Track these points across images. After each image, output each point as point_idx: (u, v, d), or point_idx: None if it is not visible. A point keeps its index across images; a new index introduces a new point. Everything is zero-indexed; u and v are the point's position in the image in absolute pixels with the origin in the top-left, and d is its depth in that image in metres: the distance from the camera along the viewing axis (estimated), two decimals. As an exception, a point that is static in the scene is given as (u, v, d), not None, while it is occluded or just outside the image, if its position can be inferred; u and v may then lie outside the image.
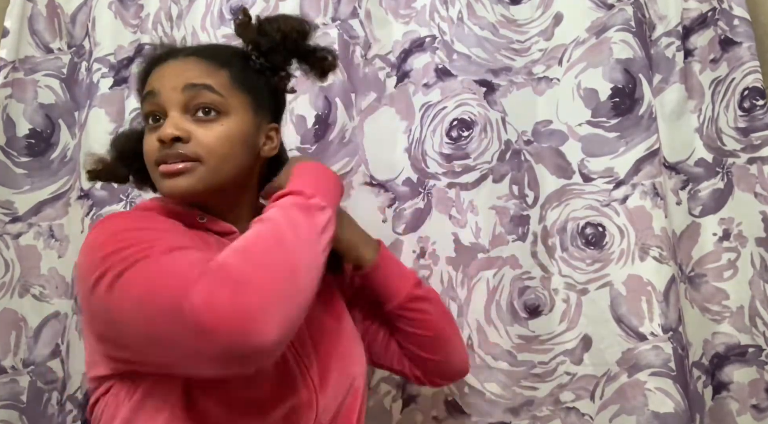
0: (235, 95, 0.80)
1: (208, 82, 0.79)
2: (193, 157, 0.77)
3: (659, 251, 1.12)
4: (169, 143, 0.76)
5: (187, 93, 0.78)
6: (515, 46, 1.25)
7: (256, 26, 0.85)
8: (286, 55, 0.85)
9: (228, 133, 0.79)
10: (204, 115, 0.78)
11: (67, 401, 1.16)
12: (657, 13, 1.24)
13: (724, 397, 1.14)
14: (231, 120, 0.79)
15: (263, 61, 0.84)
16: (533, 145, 1.22)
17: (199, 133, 0.77)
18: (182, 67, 0.80)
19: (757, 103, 1.17)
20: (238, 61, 0.83)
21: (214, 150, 0.77)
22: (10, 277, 1.26)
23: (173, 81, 0.79)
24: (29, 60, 1.31)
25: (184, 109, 0.78)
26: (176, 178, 0.77)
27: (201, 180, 0.77)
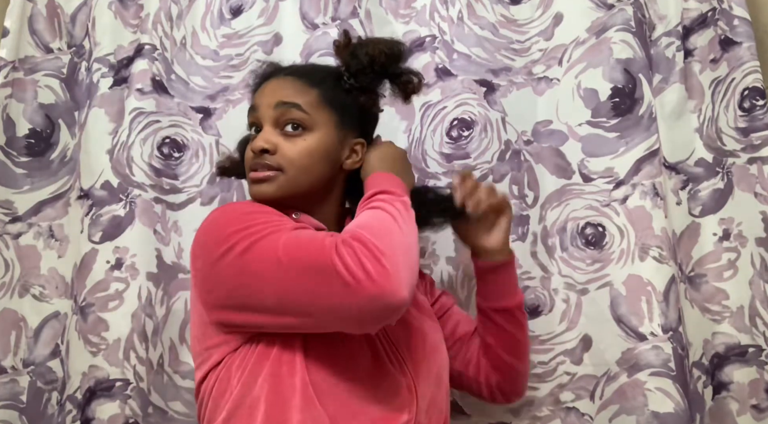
0: (321, 113, 0.89)
1: (297, 102, 0.88)
2: (276, 167, 0.87)
3: (659, 251, 1.12)
4: (259, 154, 0.87)
5: (278, 110, 0.88)
6: (515, 46, 1.25)
7: (351, 49, 0.92)
8: (374, 77, 0.92)
9: (309, 147, 0.88)
10: (291, 129, 0.88)
11: (67, 401, 1.16)
12: (657, 13, 1.24)
13: (724, 397, 1.14)
14: (315, 135, 0.89)
15: (353, 81, 0.92)
16: (533, 145, 1.22)
17: (284, 146, 0.88)
18: (279, 86, 0.91)
19: (757, 103, 1.17)
20: (330, 80, 0.92)
21: (295, 162, 0.87)
22: (10, 277, 1.25)
23: (269, 98, 0.90)
24: (29, 60, 1.31)
25: (275, 124, 0.89)
26: (260, 185, 0.88)
27: (280, 188, 0.87)
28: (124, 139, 1.23)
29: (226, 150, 1.20)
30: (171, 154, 1.26)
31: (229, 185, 1.25)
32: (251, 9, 1.30)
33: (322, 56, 1.24)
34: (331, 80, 0.92)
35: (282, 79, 0.92)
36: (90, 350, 1.15)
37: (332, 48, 0.96)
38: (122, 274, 1.18)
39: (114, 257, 1.18)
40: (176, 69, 1.29)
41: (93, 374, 1.14)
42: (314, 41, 1.26)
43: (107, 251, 1.19)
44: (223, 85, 1.28)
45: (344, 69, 0.92)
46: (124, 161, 1.22)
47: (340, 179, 0.94)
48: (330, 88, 0.91)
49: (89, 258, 1.19)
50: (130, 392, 1.14)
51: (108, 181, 1.22)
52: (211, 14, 1.31)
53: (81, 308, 1.17)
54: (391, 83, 0.95)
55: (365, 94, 0.93)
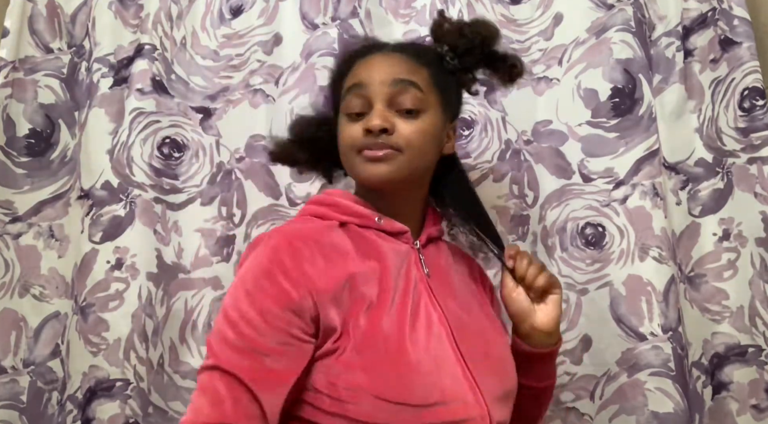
0: (432, 93, 0.86)
1: (414, 80, 0.84)
2: (395, 147, 0.82)
3: (659, 251, 1.12)
4: (377, 133, 0.82)
5: (394, 87, 0.84)
6: (515, 46, 1.25)
7: (457, 29, 0.90)
8: (480, 58, 0.90)
9: (425, 128, 0.84)
10: (408, 110, 0.84)
11: (67, 401, 1.16)
12: (657, 13, 1.24)
13: (723, 397, 1.15)
14: (428, 116, 0.85)
15: (456, 62, 0.89)
16: (533, 145, 1.22)
17: (401, 126, 0.83)
18: (390, 62, 0.86)
19: (757, 103, 1.17)
20: (435, 60, 0.89)
21: (413, 143, 0.83)
22: (10, 277, 1.25)
23: (382, 75, 0.84)
24: (29, 60, 1.31)
25: (389, 103, 0.84)
26: (378, 164, 0.82)
27: (399, 169, 0.83)
28: (124, 139, 1.23)
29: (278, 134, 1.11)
30: (171, 154, 1.26)
31: (230, 185, 1.25)
32: (251, 9, 1.30)
33: (322, 56, 1.24)
34: (436, 60, 0.89)
35: (389, 55, 0.88)
36: (90, 350, 1.15)
37: (432, 27, 0.93)
38: (122, 274, 1.18)
39: (114, 257, 1.18)
40: (176, 69, 1.29)
41: (93, 374, 1.14)
42: (314, 41, 1.26)
43: (107, 251, 1.19)
44: (223, 85, 1.28)
45: (448, 49, 0.89)
46: (124, 161, 1.22)
47: (434, 165, 0.91)
48: (438, 68, 0.88)
49: (89, 258, 1.19)
50: (130, 392, 1.14)
51: (108, 181, 1.22)
52: (211, 14, 1.30)
53: (81, 308, 1.17)
54: (491, 66, 0.92)
55: (467, 76, 0.91)
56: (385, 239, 0.86)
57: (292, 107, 1.23)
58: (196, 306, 1.21)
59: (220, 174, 1.25)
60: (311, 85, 1.23)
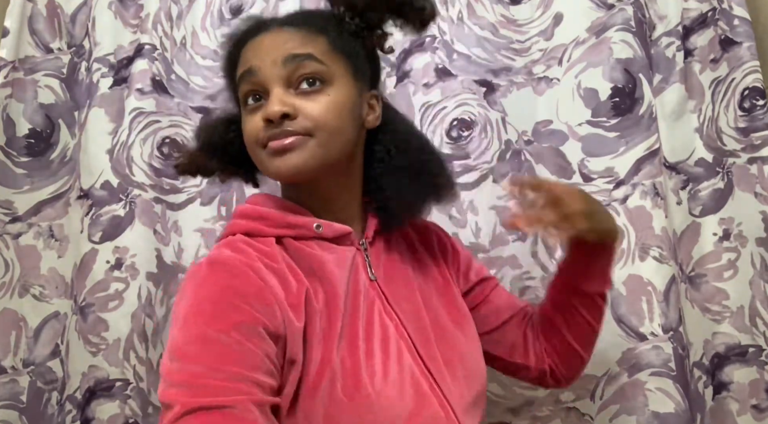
0: (335, 62, 0.75)
1: (310, 51, 0.74)
2: (302, 132, 0.72)
3: (659, 251, 1.12)
4: (277, 121, 0.71)
5: (288, 65, 0.73)
6: (515, 46, 1.25)
7: None
8: (381, 11, 0.78)
9: (335, 102, 0.73)
10: (309, 86, 0.73)
11: (67, 401, 1.16)
12: (657, 13, 1.24)
13: (724, 397, 1.14)
14: (335, 89, 0.74)
15: (359, 21, 0.78)
16: (533, 145, 1.22)
17: (305, 106, 0.72)
18: (279, 39, 0.75)
19: (757, 103, 1.17)
20: (333, 25, 0.78)
21: (324, 122, 0.72)
22: (10, 277, 1.25)
23: (272, 54, 0.74)
24: (29, 60, 1.31)
25: (287, 84, 0.74)
26: (286, 155, 0.72)
27: (312, 156, 0.72)
28: (124, 139, 1.23)
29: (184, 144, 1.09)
30: (171, 155, 1.26)
31: (229, 185, 1.24)
32: (251, 9, 1.30)
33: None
34: (333, 25, 0.78)
35: (278, 31, 0.76)
36: (90, 350, 1.15)
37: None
38: (122, 274, 1.18)
39: (114, 257, 1.18)
40: (176, 69, 1.29)
41: (93, 374, 1.14)
42: (314, 41, 1.26)
43: (107, 251, 1.19)
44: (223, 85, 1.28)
45: (345, 9, 0.78)
46: (124, 161, 1.22)
47: (361, 144, 0.81)
48: (336, 33, 0.77)
49: (89, 258, 1.19)
50: (130, 392, 1.14)
51: (108, 181, 1.22)
52: (211, 14, 1.31)
53: (81, 308, 1.17)
54: (399, 16, 0.79)
55: (374, 34, 0.80)
56: (326, 248, 0.77)
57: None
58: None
59: (220, 174, 1.25)
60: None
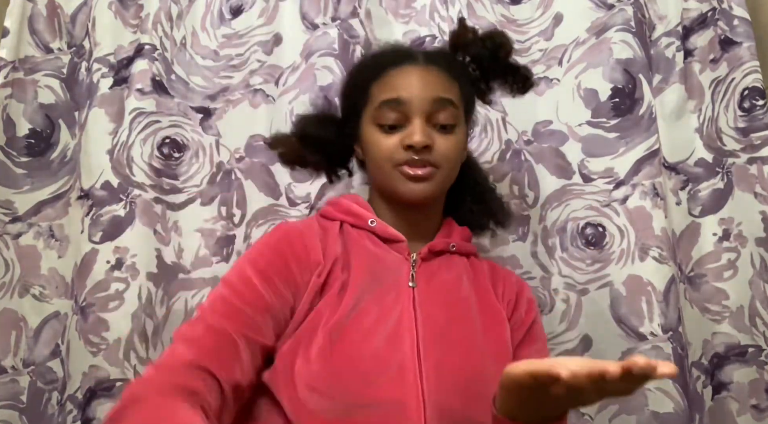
0: (462, 107, 0.88)
1: (452, 98, 0.86)
2: (434, 164, 0.84)
3: (659, 251, 1.12)
4: (420, 150, 0.83)
5: (435, 106, 0.84)
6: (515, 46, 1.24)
7: (478, 39, 0.91)
8: (501, 70, 0.91)
9: (458, 143, 0.87)
10: (443, 126, 0.85)
11: (67, 401, 1.16)
12: (657, 13, 1.24)
13: (723, 397, 1.14)
14: (460, 130, 0.87)
15: (478, 73, 0.91)
16: (533, 146, 1.22)
17: (440, 142, 0.84)
18: (429, 78, 0.86)
19: (757, 103, 1.17)
20: (465, 73, 0.90)
21: (449, 159, 0.85)
22: (10, 277, 1.25)
23: (423, 91, 0.85)
24: (29, 60, 1.31)
25: (428, 118, 0.84)
26: (420, 183, 0.84)
27: (438, 185, 0.85)
28: (124, 140, 1.23)
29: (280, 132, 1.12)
30: (171, 155, 1.26)
31: (229, 185, 1.25)
32: (251, 9, 1.30)
33: (322, 56, 1.24)
34: (465, 73, 0.90)
35: (427, 68, 0.87)
36: (90, 350, 1.15)
37: (452, 37, 0.93)
38: (122, 274, 1.18)
39: (114, 257, 1.18)
40: (176, 69, 1.29)
41: (93, 374, 1.14)
42: (314, 41, 1.26)
43: (107, 251, 1.19)
44: (223, 85, 1.28)
45: (470, 60, 0.90)
46: (124, 161, 1.22)
47: None
48: (465, 81, 0.89)
49: (89, 258, 1.19)
50: (130, 392, 1.14)
51: (108, 182, 1.22)
52: (211, 14, 1.30)
53: (81, 308, 1.17)
54: (506, 77, 0.93)
55: (486, 86, 0.92)
56: (378, 245, 0.86)
57: (292, 107, 1.23)
58: (196, 306, 1.21)
59: (220, 174, 1.25)
60: (311, 86, 1.23)
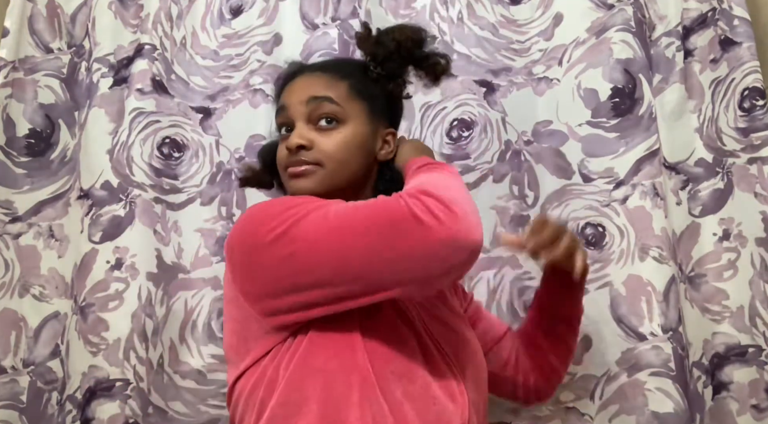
0: (352, 104, 0.89)
1: (329, 94, 0.88)
2: (314, 162, 0.86)
3: (659, 251, 1.12)
4: (295, 151, 0.86)
5: (310, 105, 0.88)
6: (515, 47, 1.25)
7: (374, 38, 0.92)
8: (400, 62, 0.92)
9: (345, 139, 0.87)
10: (326, 124, 0.87)
11: (67, 401, 1.16)
12: (657, 13, 1.24)
13: (724, 397, 1.14)
14: (348, 127, 0.88)
15: (380, 70, 0.92)
16: (533, 146, 1.22)
17: (320, 140, 0.87)
18: (307, 82, 0.90)
19: (757, 103, 1.17)
20: (357, 71, 0.92)
21: (333, 156, 0.86)
22: (10, 277, 1.25)
23: (299, 95, 0.89)
24: (29, 60, 1.31)
25: (308, 120, 0.88)
26: (300, 180, 0.87)
27: (321, 182, 0.86)
28: (124, 139, 1.23)
29: (246, 160, 1.21)
30: (171, 154, 1.26)
31: (229, 185, 1.25)
32: (251, 9, 1.30)
33: (322, 56, 1.24)
34: (358, 71, 0.92)
35: (309, 75, 0.92)
36: (90, 350, 1.15)
37: (355, 40, 0.95)
38: (122, 274, 1.18)
39: (114, 257, 1.18)
40: (176, 69, 1.29)
41: (93, 374, 1.14)
42: (314, 41, 1.26)
43: (107, 251, 1.19)
44: (223, 85, 1.28)
45: (370, 59, 0.92)
46: (124, 161, 1.22)
47: (374, 171, 0.94)
48: (358, 79, 0.91)
49: (89, 258, 1.19)
50: (130, 392, 1.14)
51: (108, 181, 1.22)
52: (211, 14, 1.31)
53: (81, 308, 1.17)
54: (417, 68, 0.94)
55: (393, 82, 0.93)
56: None
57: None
58: (196, 306, 1.21)
59: (220, 174, 1.26)
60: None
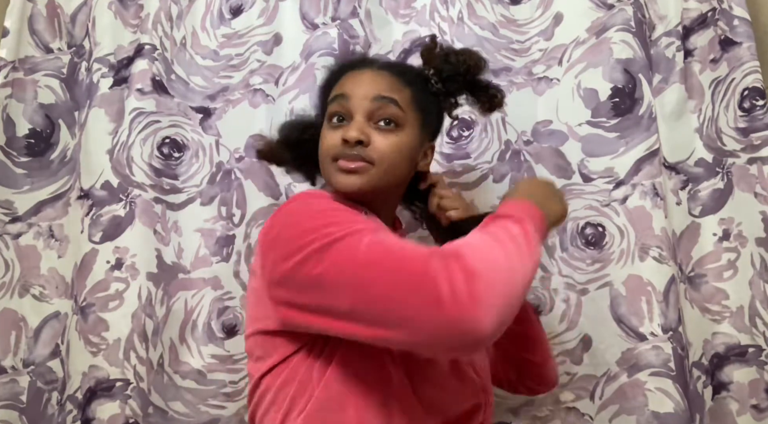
0: (412, 112, 0.89)
1: (395, 97, 0.88)
2: (368, 159, 0.86)
3: (659, 251, 1.12)
4: (352, 144, 0.85)
5: (375, 103, 0.87)
6: (515, 47, 1.25)
7: (444, 54, 0.94)
8: (462, 84, 0.94)
9: (400, 144, 0.88)
10: (385, 125, 0.87)
11: (67, 401, 1.16)
12: (657, 13, 1.24)
13: (723, 397, 1.14)
14: (404, 133, 0.88)
15: (440, 86, 0.94)
16: (533, 145, 1.22)
17: (377, 140, 0.86)
18: (375, 79, 0.90)
19: (757, 103, 1.17)
20: (420, 82, 0.93)
21: (387, 157, 0.86)
22: (10, 277, 1.25)
23: (365, 90, 0.88)
24: (29, 60, 1.31)
25: (369, 116, 0.87)
26: (351, 176, 0.86)
27: (370, 181, 0.86)
28: (124, 139, 1.23)
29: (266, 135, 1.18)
30: (171, 154, 1.26)
31: (229, 185, 1.25)
32: (251, 9, 1.30)
33: (322, 56, 1.24)
34: (421, 81, 0.93)
35: (378, 72, 0.91)
36: (90, 350, 1.15)
37: (422, 50, 0.96)
38: (122, 274, 1.18)
39: (114, 257, 1.18)
40: (176, 69, 1.29)
41: (93, 374, 1.14)
42: (314, 41, 1.26)
43: (107, 251, 1.19)
44: (223, 85, 1.28)
45: (433, 73, 0.94)
46: (124, 161, 1.22)
47: (409, 179, 0.95)
48: (420, 89, 0.92)
49: (89, 258, 1.19)
50: (130, 392, 1.14)
51: (108, 181, 1.22)
52: (211, 14, 1.31)
53: (81, 308, 1.17)
54: (473, 94, 0.96)
55: (448, 100, 0.95)
56: None
57: (292, 107, 1.23)
58: (196, 306, 1.21)
59: (220, 174, 1.25)
60: (311, 85, 1.23)
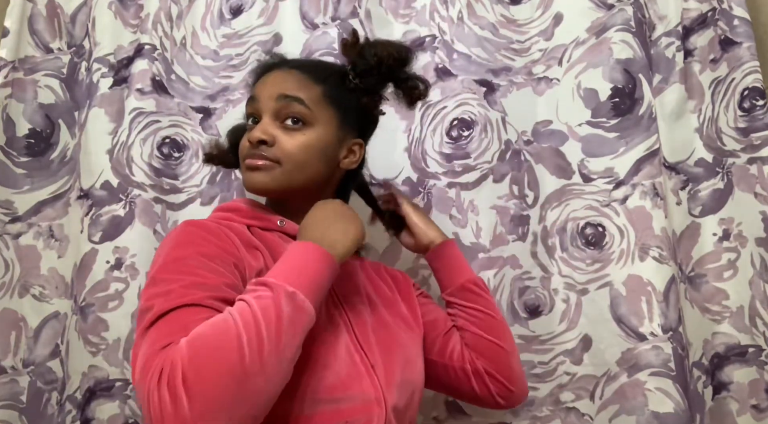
0: (323, 110, 0.88)
1: (300, 96, 0.87)
2: (272, 159, 0.85)
3: (659, 251, 1.12)
4: (256, 145, 0.86)
5: (279, 102, 0.87)
6: (515, 46, 1.25)
7: (359, 48, 0.91)
8: (379, 78, 0.91)
9: (308, 142, 0.86)
10: (292, 123, 0.86)
11: (67, 401, 1.16)
12: (657, 13, 1.24)
13: (724, 397, 1.15)
14: (314, 131, 0.87)
15: (357, 81, 0.91)
16: (533, 145, 1.22)
17: (282, 139, 0.86)
18: (282, 78, 0.89)
19: (757, 103, 1.17)
20: (335, 78, 0.91)
21: (293, 155, 0.86)
22: (10, 277, 1.25)
23: (271, 90, 0.88)
24: (29, 60, 1.31)
25: (275, 116, 0.87)
26: (254, 173, 0.86)
27: (274, 179, 0.85)
28: (124, 139, 1.23)
29: None
30: (171, 154, 1.26)
31: (229, 185, 1.25)
32: (251, 9, 1.30)
33: (322, 56, 1.24)
34: (335, 78, 0.91)
35: (286, 71, 0.90)
36: (90, 350, 1.15)
37: (339, 46, 0.94)
38: (122, 274, 1.18)
39: (114, 257, 1.18)
40: (176, 69, 1.29)
41: (93, 374, 1.14)
42: (314, 41, 1.26)
43: (107, 251, 1.19)
44: (223, 85, 1.28)
45: (350, 68, 0.91)
46: (124, 161, 1.22)
47: (336, 179, 0.93)
48: (334, 85, 0.90)
49: (89, 258, 1.19)
50: (129, 392, 1.14)
51: (108, 181, 1.22)
52: (211, 14, 1.31)
53: (81, 308, 1.17)
54: (396, 87, 0.93)
55: (368, 96, 0.92)
56: (288, 242, 0.88)
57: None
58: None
59: (220, 174, 1.25)
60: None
